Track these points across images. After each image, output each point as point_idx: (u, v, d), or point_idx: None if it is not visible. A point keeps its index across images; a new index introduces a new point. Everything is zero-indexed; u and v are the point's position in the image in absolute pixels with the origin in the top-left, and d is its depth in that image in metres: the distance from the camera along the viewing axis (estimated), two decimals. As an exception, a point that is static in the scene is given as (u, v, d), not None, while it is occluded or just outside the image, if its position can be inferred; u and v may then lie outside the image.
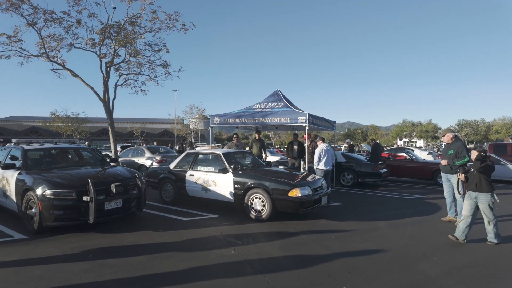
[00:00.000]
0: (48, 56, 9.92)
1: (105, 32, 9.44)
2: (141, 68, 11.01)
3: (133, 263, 3.95)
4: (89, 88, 10.52)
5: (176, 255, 4.26)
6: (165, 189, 7.53)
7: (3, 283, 3.41)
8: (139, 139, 44.87)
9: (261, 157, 10.23)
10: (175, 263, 3.95)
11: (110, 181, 5.37)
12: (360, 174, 10.66)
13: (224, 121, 8.97)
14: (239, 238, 4.99)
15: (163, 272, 3.68)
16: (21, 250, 4.38)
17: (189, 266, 3.86)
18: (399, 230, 5.56)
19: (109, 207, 5.27)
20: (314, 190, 6.08)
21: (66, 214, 4.95)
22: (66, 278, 3.50)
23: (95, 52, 10.02)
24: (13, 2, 8.68)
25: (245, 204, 6.15)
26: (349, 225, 5.84)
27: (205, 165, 7.00)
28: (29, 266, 3.84)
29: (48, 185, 4.96)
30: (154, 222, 5.93)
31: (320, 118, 9.08)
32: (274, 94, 9.40)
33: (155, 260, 4.05)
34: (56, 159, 6.41)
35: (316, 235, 5.18)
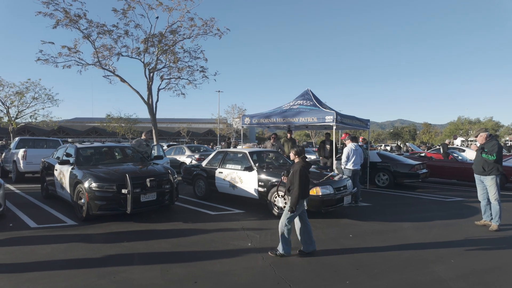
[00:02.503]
0: (101, 64, 11.10)
1: (148, 41, 10.34)
2: (181, 73, 11.80)
3: (158, 248, 4.45)
4: (135, 92, 11.55)
5: (198, 244, 4.68)
6: (197, 185, 8.08)
7: (53, 255, 4.10)
8: (186, 138, 47.29)
9: None
10: (193, 251, 4.37)
11: (145, 176, 5.99)
12: (397, 174, 10.28)
13: (254, 121, 9.29)
14: (258, 232, 5.28)
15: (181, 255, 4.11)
16: (71, 233, 5.14)
17: (206, 253, 4.25)
18: (423, 232, 5.41)
19: (144, 199, 5.90)
20: (336, 190, 6.13)
21: (108, 205, 5.66)
22: (100, 255, 4.09)
23: (140, 59, 11.01)
24: (72, 18, 9.92)
25: (268, 201, 6.41)
26: (372, 225, 5.80)
27: (233, 163, 7.39)
28: (75, 244, 4.54)
29: (94, 179, 5.72)
30: (185, 215, 6.46)
31: (350, 117, 8.97)
32: (304, 94, 9.49)
33: (178, 247, 4.51)
34: (103, 156, 7.28)
35: (334, 233, 5.27)
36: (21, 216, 6.15)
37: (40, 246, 4.55)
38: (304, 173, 4.10)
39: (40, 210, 6.77)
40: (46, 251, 4.32)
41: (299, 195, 4.01)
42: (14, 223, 5.68)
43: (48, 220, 5.94)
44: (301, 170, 4.08)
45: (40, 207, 7.05)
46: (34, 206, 7.15)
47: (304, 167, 4.14)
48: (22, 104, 24.90)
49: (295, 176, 4.06)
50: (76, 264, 3.89)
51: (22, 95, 24.34)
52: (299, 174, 4.03)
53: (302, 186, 4.04)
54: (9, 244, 4.62)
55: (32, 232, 5.22)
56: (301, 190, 4.02)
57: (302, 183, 4.04)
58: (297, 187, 4.00)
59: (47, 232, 5.21)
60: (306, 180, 4.14)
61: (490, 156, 5.34)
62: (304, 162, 4.20)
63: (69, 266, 3.82)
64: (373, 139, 78.00)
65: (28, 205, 7.18)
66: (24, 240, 4.82)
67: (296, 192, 4.00)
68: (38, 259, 4.04)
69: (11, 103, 24.23)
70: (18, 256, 4.14)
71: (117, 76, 11.49)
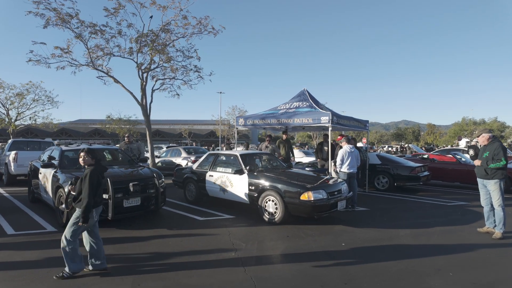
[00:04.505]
0: (94, 65, 10.88)
1: (140, 40, 10.10)
2: (175, 73, 11.55)
3: (134, 258, 4.16)
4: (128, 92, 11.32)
5: (178, 253, 4.39)
6: (188, 189, 7.80)
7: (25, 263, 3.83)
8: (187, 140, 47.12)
9: (289, 158, 10.09)
10: (171, 262, 4.07)
11: (128, 180, 5.72)
12: (397, 177, 9.92)
13: (249, 123, 9.01)
14: (245, 240, 4.97)
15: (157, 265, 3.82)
16: (48, 239, 4.88)
17: (185, 264, 3.95)
18: (421, 240, 5.07)
19: (127, 205, 5.62)
20: (330, 194, 5.82)
21: (89, 210, 5.39)
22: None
23: (133, 59, 10.77)
24: (63, 18, 9.70)
25: (259, 206, 6.11)
26: (367, 232, 5.47)
27: (224, 166, 7.10)
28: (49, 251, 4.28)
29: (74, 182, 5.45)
30: (171, 220, 6.18)
31: (347, 118, 8.65)
32: (301, 94, 9.19)
33: (156, 257, 4.23)
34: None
35: (326, 242, 4.95)
36: (0, 222, 5.91)
37: (10, 252, 4.29)
38: (96, 178, 3.55)
39: (23, 215, 6.53)
40: (14, 259, 4.06)
41: (90, 204, 3.43)
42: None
43: (28, 226, 5.69)
44: (92, 174, 3.51)
45: (24, 212, 6.82)
46: (18, 210, 6.92)
47: (96, 171, 3.58)
48: (22, 105, 24.86)
49: (85, 182, 3.48)
50: (40, 276, 3.61)
51: (23, 96, 24.29)
52: (89, 180, 3.46)
53: (93, 194, 3.48)
54: (-22, 253, 4.36)
55: (6, 239, 4.96)
56: (91, 199, 3.44)
57: (94, 190, 3.49)
58: (87, 196, 3.42)
59: (23, 239, 4.96)
60: (99, 186, 3.61)
61: (498, 163, 4.99)
62: (97, 165, 3.67)
63: (30, 277, 3.55)
64: (376, 140, 77.23)
65: (12, 210, 6.95)
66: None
67: (86, 201, 3.41)
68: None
69: (11, 105, 24.19)
70: (-16, 267, 3.88)
71: (111, 77, 11.28)
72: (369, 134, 10.12)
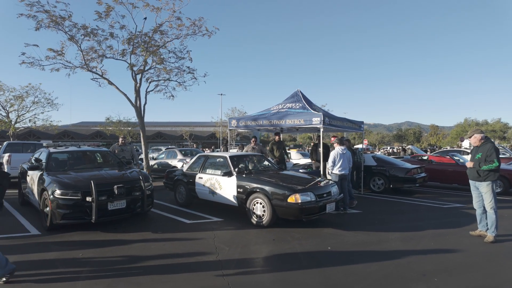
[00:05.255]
0: (88, 67, 10.84)
1: (133, 42, 10.06)
2: (169, 74, 11.49)
3: (112, 262, 4.07)
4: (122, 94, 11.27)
5: (158, 257, 4.28)
6: (178, 191, 7.71)
7: None
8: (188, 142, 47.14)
9: (283, 160, 9.97)
10: (149, 265, 3.98)
11: (113, 183, 5.63)
12: (392, 179, 9.77)
13: (241, 124, 8.91)
14: (229, 244, 4.86)
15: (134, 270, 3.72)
16: (29, 242, 4.81)
17: (162, 268, 3.85)
18: (410, 244, 4.92)
19: (112, 208, 5.53)
20: (319, 196, 5.69)
21: (72, 213, 5.30)
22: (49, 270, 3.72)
23: (126, 61, 10.72)
24: (56, 20, 9.68)
25: (247, 209, 6.00)
26: (356, 235, 5.34)
27: (213, 168, 7.00)
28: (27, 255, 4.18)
29: (57, 185, 5.38)
30: (158, 223, 6.09)
31: (340, 119, 8.52)
32: (294, 95, 9.08)
33: (134, 261, 4.13)
34: (77, 161, 6.95)
35: (311, 245, 4.82)
36: (-15, 225, 5.84)
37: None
38: None
39: (10, 218, 6.47)
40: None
41: None
42: (-26, 233, 5.36)
43: (12, 229, 5.61)
44: None
45: (12, 214, 6.75)
46: (6, 213, 6.85)
47: None
48: (22, 108, 24.96)
49: None
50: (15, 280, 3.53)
51: (22, 99, 24.40)
52: None
53: None
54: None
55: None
56: None
57: None
58: None
59: (5, 243, 4.87)
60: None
61: (491, 164, 4.85)
62: None
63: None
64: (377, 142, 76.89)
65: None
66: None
67: None
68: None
69: (10, 107, 24.30)
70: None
71: (105, 79, 11.24)
72: (364, 135, 9.96)
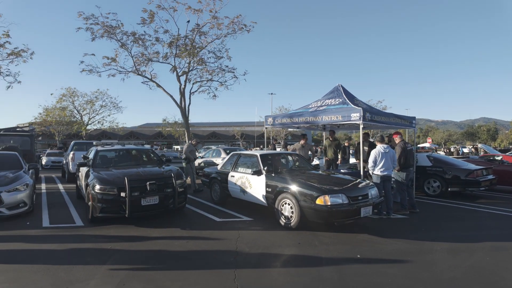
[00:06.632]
0: (138, 71, 11.62)
1: (175, 45, 10.49)
2: (212, 75, 11.76)
3: (132, 258, 4.19)
4: (169, 96, 11.84)
5: (177, 254, 4.32)
6: (213, 189, 7.79)
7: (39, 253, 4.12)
8: (240, 141, 48.19)
9: (336, 159, 9.53)
10: (167, 260, 4.01)
11: (146, 179, 5.87)
12: (450, 181, 8.64)
13: (277, 122, 8.67)
14: (251, 245, 4.70)
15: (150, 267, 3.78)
16: (70, 234, 5.24)
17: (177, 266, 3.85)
18: (459, 257, 4.23)
19: (145, 203, 5.77)
20: (352, 199, 5.23)
21: (109, 208, 5.65)
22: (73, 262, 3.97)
23: (170, 63, 11.24)
24: (108, 30, 10.54)
25: (276, 209, 5.78)
26: (394, 244, 4.78)
27: (245, 167, 6.91)
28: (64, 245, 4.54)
29: (97, 181, 5.79)
30: (188, 220, 6.19)
31: (385, 114, 7.76)
32: (334, 90, 8.52)
33: (152, 258, 4.21)
34: (120, 159, 7.44)
35: (339, 252, 4.43)
36: (43, 215, 6.54)
37: (31, 244, 4.68)
38: None
39: (64, 210, 7.15)
40: (32, 248, 4.40)
41: None
42: (32, 222, 6.02)
43: (62, 220, 6.19)
44: None
45: (67, 207, 7.47)
46: (63, 205, 7.62)
47: None
48: (92, 111, 28.00)
49: None
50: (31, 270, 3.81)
51: (92, 103, 27.35)
52: None
53: None
54: (9, 240, 4.83)
55: (39, 231, 5.43)
56: None
57: None
58: None
59: (52, 232, 5.38)
60: None
61: None
62: None
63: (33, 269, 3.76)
64: (444, 140, 69.67)
65: (58, 205, 7.68)
66: (26, 238, 5.01)
67: None
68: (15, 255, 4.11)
69: (83, 111, 27.42)
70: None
71: (153, 82, 11.93)
72: (415, 132, 8.97)
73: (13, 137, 12.93)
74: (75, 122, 28.29)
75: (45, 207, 7.36)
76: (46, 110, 28.71)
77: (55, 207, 7.34)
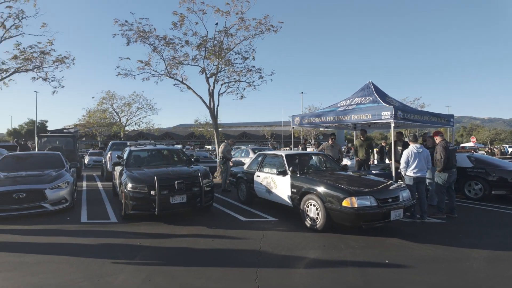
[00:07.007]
0: (169, 74, 12.02)
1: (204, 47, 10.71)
2: (239, 75, 11.87)
3: (159, 255, 4.34)
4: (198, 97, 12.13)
5: (202, 253, 4.40)
6: (240, 189, 7.85)
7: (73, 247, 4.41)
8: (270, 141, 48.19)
9: (368, 160, 9.25)
10: (191, 258, 4.11)
11: (174, 178, 6.06)
12: (494, 183, 7.99)
13: (304, 121, 8.55)
14: (275, 246, 4.67)
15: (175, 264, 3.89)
16: (104, 229, 5.54)
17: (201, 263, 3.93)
18: (499, 267, 3.90)
19: (174, 202, 5.96)
20: (381, 201, 5.01)
21: (140, 205, 5.90)
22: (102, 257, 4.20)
23: (199, 65, 11.51)
24: (142, 35, 11.02)
25: (301, 210, 5.70)
26: (426, 249, 4.51)
27: (270, 167, 6.89)
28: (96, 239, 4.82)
29: (130, 180, 6.07)
30: (215, 219, 6.30)
31: (420, 112, 7.36)
32: (365, 88, 8.24)
33: (178, 255, 4.33)
34: (152, 159, 7.75)
35: (366, 256, 4.26)
36: (82, 211, 6.99)
37: (69, 238, 5.01)
38: None
39: (101, 206, 7.57)
40: (66, 242, 4.71)
41: None
42: (72, 217, 6.46)
43: (98, 216, 6.57)
44: None
45: (104, 204, 7.92)
46: (100, 202, 8.08)
47: None
48: (130, 113, 29.46)
49: None
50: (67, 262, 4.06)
51: (130, 105, 28.78)
52: None
53: None
54: (50, 234, 5.21)
55: (77, 226, 5.82)
56: None
57: None
58: None
59: (89, 227, 5.74)
60: None
61: None
62: None
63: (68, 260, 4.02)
64: (490, 139, 64.48)
65: (96, 202, 8.17)
66: (65, 232, 5.39)
67: None
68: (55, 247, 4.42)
69: (121, 113, 28.94)
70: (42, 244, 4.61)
71: (184, 84, 12.28)
72: (454, 131, 8.40)
73: (58, 138, 14.00)
74: (114, 123, 30.00)
75: (84, 203, 7.86)
76: (89, 112, 30.80)
77: (93, 204, 7.81)
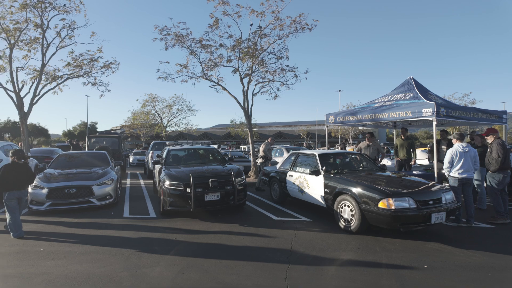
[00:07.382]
0: (206, 76, 12.38)
1: (239, 48, 10.86)
2: (273, 75, 11.88)
3: (193, 250, 4.50)
4: (233, 98, 12.34)
5: (234, 250, 4.49)
6: (273, 188, 7.86)
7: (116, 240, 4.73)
8: (306, 140, 47.59)
9: (409, 160, 8.77)
10: (224, 254, 4.21)
11: (208, 177, 6.24)
12: (557, 187, 7.15)
13: (338, 120, 8.32)
14: (306, 246, 4.62)
15: (207, 259, 4.01)
16: (144, 224, 5.86)
17: (233, 259, 4.01)
18: (558, 279, 3.49)
19: (208, 199, 6.15)
20: (421, 203, 4.74)
21: (177, 202, 6.17)
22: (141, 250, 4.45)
23: (233, 66, 11.70)
24: (179, 39, 11.47)
25: (334, 211, 5.58)
26: (471, 256, 4.19)
27: (303, 166, 6.82)
28: (137, 233, 5.13)
29: (168, 177, 6.36)
30: (248, 217, 6.38)
31: (467, 109, 6.81)
32: (405, 84, 7.81)
33: (211, 250, 4.45)
34: (188, 157, 8.05)
35: (403, 260, 4.06)
36: (125, 207, 7.46)
37: (113, 231, 5.38)
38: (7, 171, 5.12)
39: (142, 203, 8.02)
40: (110, 235, 5.06)
41: None
42: (116, 212, 6.93)
43: (139, 211, 6.97)
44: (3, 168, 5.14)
45: (145, 200, 8.37)
46: (142, 199, 8.56)
47: (7, 166, 5.20)
48: (170, 115, 30.81)
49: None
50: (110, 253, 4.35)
51: (170, 107, 30.09)
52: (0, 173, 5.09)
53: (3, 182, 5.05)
54: (96, 227, 5.64)
55: (120, 220, 6.23)
56: None
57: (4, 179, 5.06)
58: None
59: (130, 222, 6.11)
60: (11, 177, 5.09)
61: None
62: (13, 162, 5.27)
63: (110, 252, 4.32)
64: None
65: (138, 198, 8.66)
66: (109, 225, 5.80)
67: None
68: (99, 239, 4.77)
69: (162, 114, 30.37)
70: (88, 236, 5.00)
71: (219, 85, 12.58)
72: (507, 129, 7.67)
73: (105, 139, 15.06)
74: (156, 124, 31.59)
75: (127, 199, 8.37)
76: (133, 114, 32.80)
77: (135, 200, 8.29)
